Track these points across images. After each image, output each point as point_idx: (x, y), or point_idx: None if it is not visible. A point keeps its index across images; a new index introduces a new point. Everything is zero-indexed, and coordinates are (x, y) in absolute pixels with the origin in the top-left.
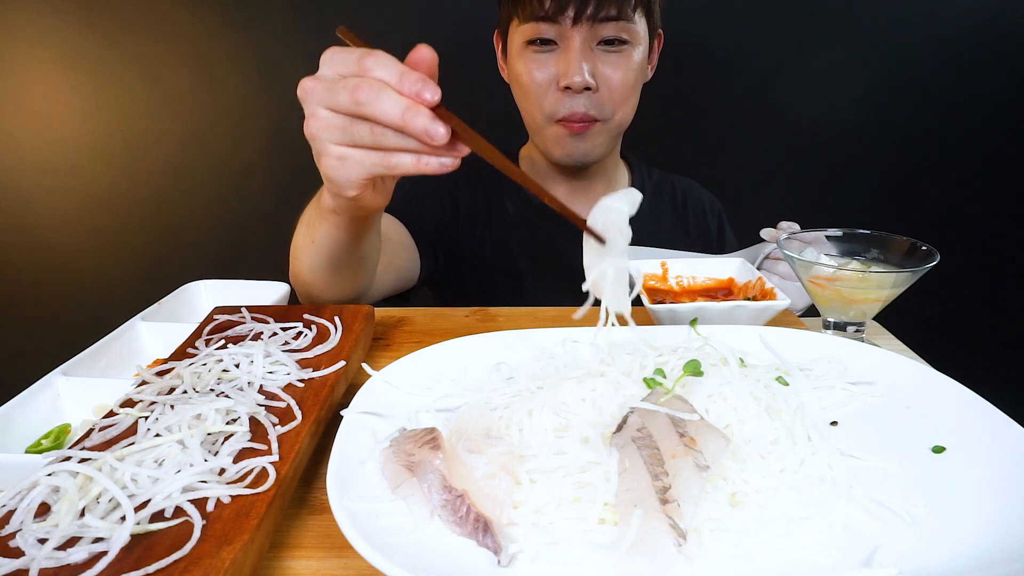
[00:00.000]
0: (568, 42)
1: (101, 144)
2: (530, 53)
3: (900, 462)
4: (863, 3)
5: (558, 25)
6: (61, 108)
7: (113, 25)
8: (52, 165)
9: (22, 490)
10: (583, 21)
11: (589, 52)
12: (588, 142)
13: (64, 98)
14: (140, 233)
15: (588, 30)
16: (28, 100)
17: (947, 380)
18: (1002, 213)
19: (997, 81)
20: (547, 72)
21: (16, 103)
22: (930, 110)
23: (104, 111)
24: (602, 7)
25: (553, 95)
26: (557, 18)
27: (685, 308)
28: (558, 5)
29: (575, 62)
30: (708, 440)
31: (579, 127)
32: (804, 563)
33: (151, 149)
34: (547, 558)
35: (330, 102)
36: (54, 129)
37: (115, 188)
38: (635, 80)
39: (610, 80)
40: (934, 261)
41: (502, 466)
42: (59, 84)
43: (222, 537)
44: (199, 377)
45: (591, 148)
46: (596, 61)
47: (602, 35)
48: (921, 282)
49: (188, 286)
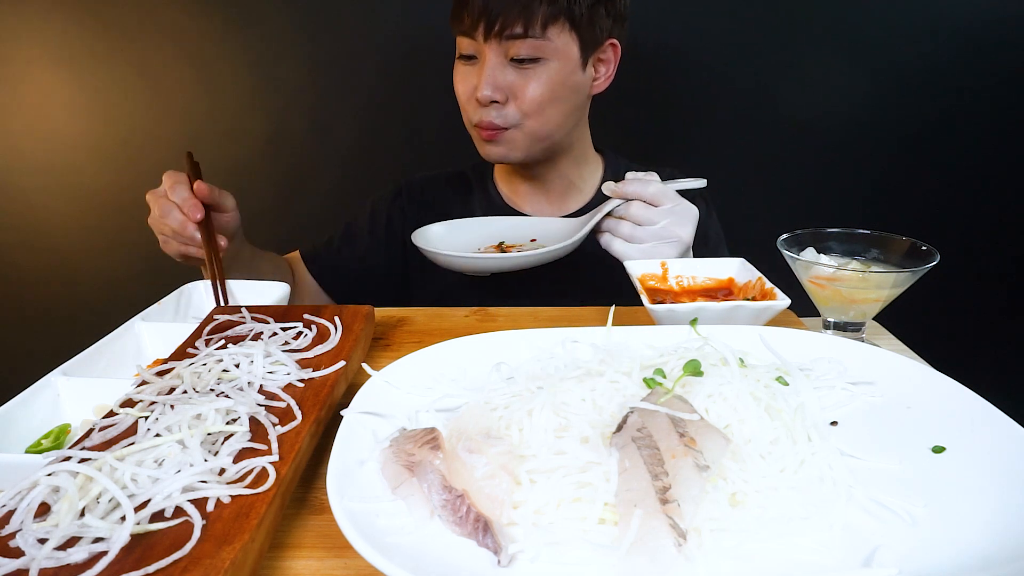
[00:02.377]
0: (482, 57)
1: (101, 144)
2: (460, 65)
3: (900, 462)
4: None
5: (476, 41)
6: (61, 108)
7: (113, 25)
8: (52, 165)
9: (22, 490)
10: (492, 38)
11: (501, 67)
12: (501, 146)
13: (64, 98)
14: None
15: (498, 46)
16: (28, 100)
17: (947, 380)
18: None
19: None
20: (469, 84)
21: (16, 103)
22: (930, 110)
23: (104, 111)
24: (507, 26)
25: (472, 104)
26: (472, 33)
27: (685, 308)
28: (472, 21)
29: (484, 77)
30: (708, 440)
31: (487, 134)
32: (804, 563)
33: (151, 149)
34: (547, 558)
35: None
36: (54, 129)
37: (115, 188)
38: (550, 94)
39: (519, 94)
40: (934, 261)
41: (502, 466)
42: (59, 84)
43: (222, 537)
44: (199, 377)
45: (506, 151)
46: (507, 76)
47: (512, 53)
48: (921, 282)
49: (188, 286)
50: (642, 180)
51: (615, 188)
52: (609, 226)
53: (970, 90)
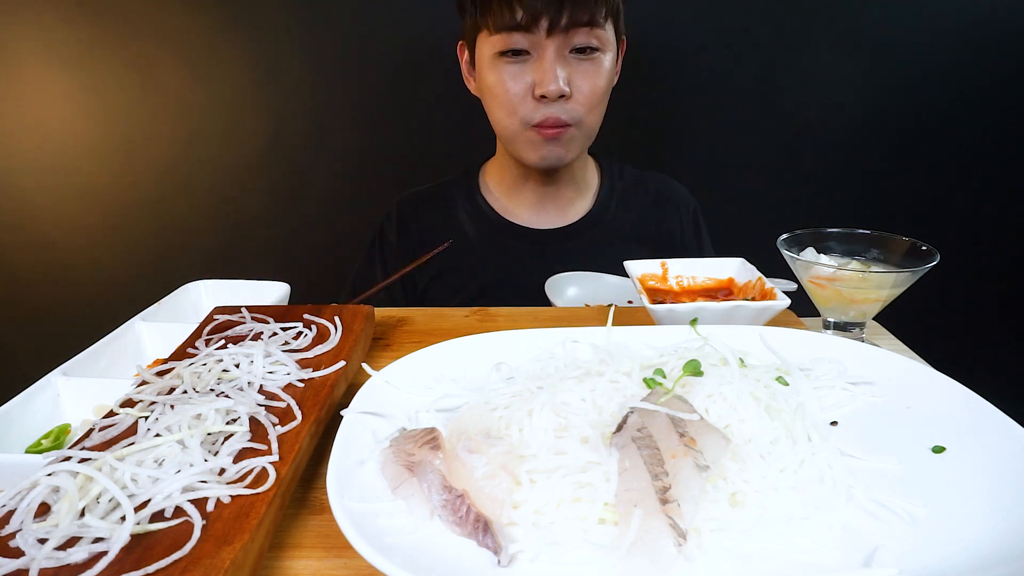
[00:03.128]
0: (542, 52)
1: (101, 144)
2: (503, 64)
3: (900, 462)
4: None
5: (531, 35)
6: (61, 108)
7: (112, 25)
8: (52, 165)
9: (22, 490)
10: (556, 30)
11: (563, 60)
12: (562, 147)
13: (64, 98)
14: (140, 233)
15: (561, 39)
16: (27, 100)
17: (947, 380)
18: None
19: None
20: (522, 82)
21: (16, 103)
22: (929, 110)
23: (104, 111)
24: (575, 15)
25: (529, 103)
26: (531, 28)
27: (685, 308)
28: (531, 15)
29: (550, 71)
30: (708, 440)
31: (553, 132)
32: (804, 563)
33: (151, 149)
34: (547, 558)
35: None
36: (54, 129)
37: (115, 188)
38: (606, 86)
39: (583, 87)
40: (934, 261)
41: (502, 466)
42: (59, 84)
43: (222, 537)
44: (199, 377)
45: (564, 152)
46: (570, 69)
47: (574, 43)
48: (921, 282)
49: (188, 286)
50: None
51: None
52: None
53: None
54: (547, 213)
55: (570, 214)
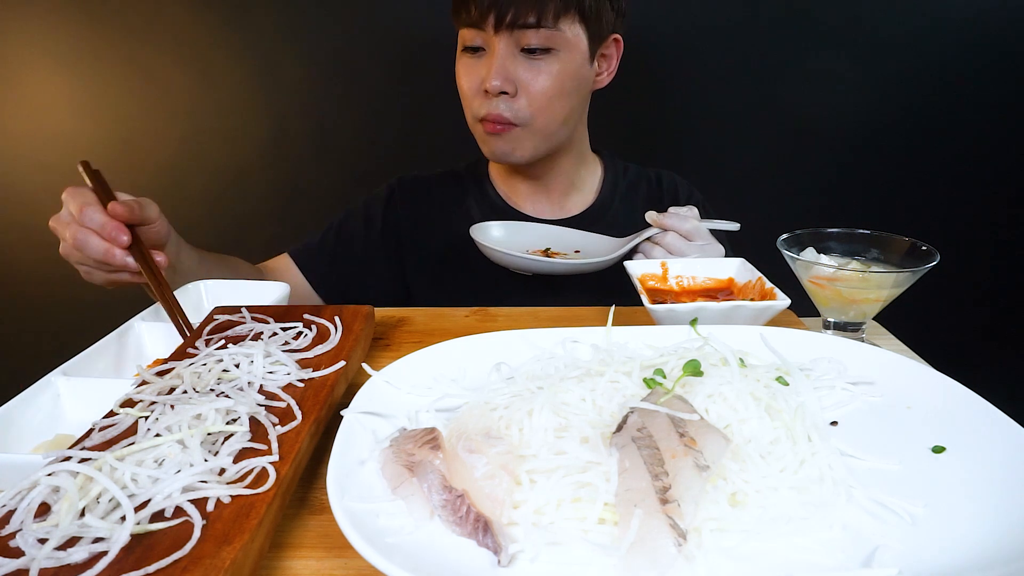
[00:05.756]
0: (491, 48)
1: (101, 144)
2: (465, 58)
3: (900, 462)
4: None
5: (484, 32)
6: (61, 108)
7: (113, 25)
8: (52, 165)
9: (22, 490)
10: (503, 28)
11: (511, 58)
12: (507, 143)
13: (64, 98)
14: None
15: (509, 37)
16: (28, 100)
17: (947, 380)
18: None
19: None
20: (475, 76)
21: (16, 103)
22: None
23: (104, 111)
24: (519, 15)
25: (479, 98)
26: (481, 25)
27: (685, 308)
28: (480, 13)
29: (492, 67)
30: (708, 440)
31: (495, 128)
32: (804, 563)
33: (151, 149)
34: (547, 558)
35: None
36: (54, 129)
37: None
38: (560, 87)
39: (529, 86)
40: (934, 261)
41: (502, 466)
42: (59, 84)
43: (222, 537)
44: (199, 377)
45: (511, 149)
46: (517, 68)
47: (524, 43)
48: (921, 282)
49: (188, 286)
50: (681, 216)
51: (656, 218)
52: (644, 249)
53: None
54: (542, 205)
55: (567, 207)
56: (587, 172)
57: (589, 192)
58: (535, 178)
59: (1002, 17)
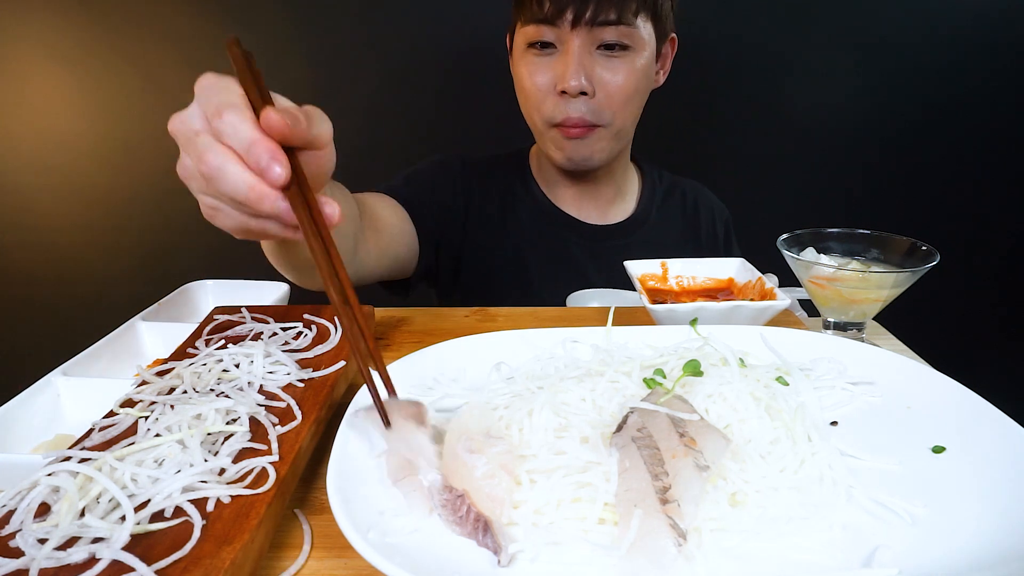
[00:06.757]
0: (567, 46)
1: (101, 144)
2: (531, 56)
3: (900, 462)
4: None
5: (557, 28)
6: (61, 108)
7: (113, 26)
8: (52, 165)
9: (22, 490)
10: (582, 25)
11: (588, 56)
12: (587, 147)
13: (64, 98)
14: (140, 233)
15: (587, 34)
16: (28, 100)
17: (947, 380)
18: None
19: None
20: (545, 76)
21: (16, 103)
22: (930, 110)
23: (104, 111)
24: (600, 11)
25: (552, 99)
26: (556, 21)
27: (685, 308)
28: (557, 8)
29: (571, 66)
30: (708, 440)
31: (576, 132)
32: (804, 563)
33: (151, 149)
34: (547, 558)
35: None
36: (54, 129)
37: (115, 188)
38: (636, 86)
39: (608, 85)
40: (934, 261)
41: (502, 466)
42: (59, 84)
43: (222, 537)
44: (199, 377)
45: (591, 153)
46: (594, 66)
47: (601, 39)
48: (921, 282)
49: (188, 286)
50: None
51: None
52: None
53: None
54: (588, 211)
55: (611, 214)
56: (630, 178)
57: (631, 200)
58: (589, 183)
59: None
